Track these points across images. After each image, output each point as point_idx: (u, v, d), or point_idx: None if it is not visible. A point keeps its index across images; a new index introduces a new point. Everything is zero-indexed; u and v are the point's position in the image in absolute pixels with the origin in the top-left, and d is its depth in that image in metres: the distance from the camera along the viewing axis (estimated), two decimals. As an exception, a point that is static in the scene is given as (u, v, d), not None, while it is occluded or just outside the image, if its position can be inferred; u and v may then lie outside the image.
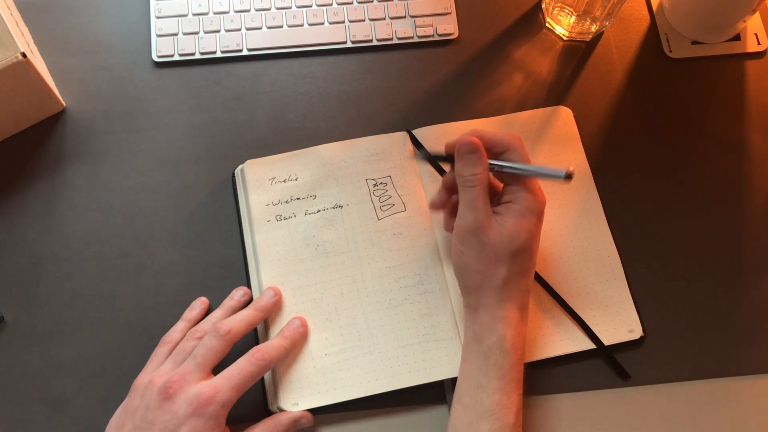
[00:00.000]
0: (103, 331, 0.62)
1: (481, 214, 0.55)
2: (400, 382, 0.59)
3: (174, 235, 0.66)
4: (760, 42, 0.74)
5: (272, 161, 0.66)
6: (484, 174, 0.56)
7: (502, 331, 0.54)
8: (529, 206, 0.55)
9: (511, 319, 0.55)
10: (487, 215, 0.55)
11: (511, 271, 0.55)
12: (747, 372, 0.62)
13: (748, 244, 0.67)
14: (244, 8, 0.73)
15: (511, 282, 0.55)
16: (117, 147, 0.69)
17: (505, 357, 0.54)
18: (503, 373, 0.53)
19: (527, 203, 0.55)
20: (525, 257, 0.55)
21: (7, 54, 0.59)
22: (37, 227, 0.65)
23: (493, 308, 0.55)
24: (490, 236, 0.55)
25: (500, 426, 0.52)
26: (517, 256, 0.55)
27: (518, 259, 0.55)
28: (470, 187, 0.56)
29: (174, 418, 0.51)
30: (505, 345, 0.54)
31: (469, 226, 0.55)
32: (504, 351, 0.54)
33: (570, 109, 0.70)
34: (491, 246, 0.55)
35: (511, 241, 0.54)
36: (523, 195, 0.56)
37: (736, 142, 0.71)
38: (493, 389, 0.53)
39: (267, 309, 0.60)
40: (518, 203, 0.56)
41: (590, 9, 0.70)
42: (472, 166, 0.56)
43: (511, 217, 0.55)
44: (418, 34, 0.74)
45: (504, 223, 0.55)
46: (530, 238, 0.55)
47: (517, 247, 0.54)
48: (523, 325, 0.56)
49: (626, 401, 0.61)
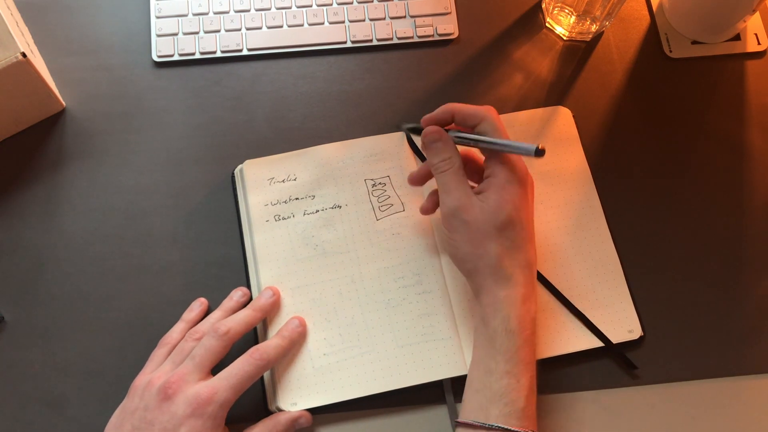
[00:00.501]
0: (103, 331, 0.62)
1: (458, 193, 0.55)
2: (399, 382, 0.59)
3: (174, 235, 0.66)
4: (760, 42, 0.74)
5: (271, 161, 0.66)
6: (454, 158, 0.56)
7: (506, 311, 0.53)
8: (507, 177, 0.55)
9: (514, 298, 0.53)
10: (465, 195, 0.55)
11: (502, 247, 0.54)
12: (747, 372, 0.62)
13: (747, 244, 0.67)
14: (244, 8, 0.73)
15: (506, 258, 0.54)
16: (117, 147, 0.69)
17: (512, 338, 0.53)
18: (510, 355, 0.52)
19: (506, 174, 0.55)
20: (515, 229, 0.54)
21: (7, 54, 0.59)
22: (37, 227, 0.65)
23: (493, 288, 0.54)
24: (473, 214, 0.54)
25: (510, 410, 0.51)
26: (505, 229, 0.54)
27: (507, 233, 0.54)
28: (442, 172, 0.56)
29: (173, 419, 0.51)
30: (509, 326, 0.53)
31: (449, 209, 0.55)
32: (509, 332, 0.53)
33: (569, 110, 0.70)
34: (476, 224, 0.54)
35: (495, 215, 0.54)
36: (500, 167, 0.55)
37: (736, 142, 0.70)
38: (501, 373, 0.52)
39: (265, 309, 0.60)
40: (497, 176, 0.55)
41: (590, 9, 0.70)
42: (440, 153, 0.57)
43: (492, 192, 0.55)
44: (418, 34, 0.74)
45: (486, 199, 0.55)
46: (515, 209, 0.54)
47: (502, 220, 0.54)
48: (530, 302, 0.54)
49: (626, 401, 0.61)
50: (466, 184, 0.56)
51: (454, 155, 0.56)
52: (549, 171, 0.68)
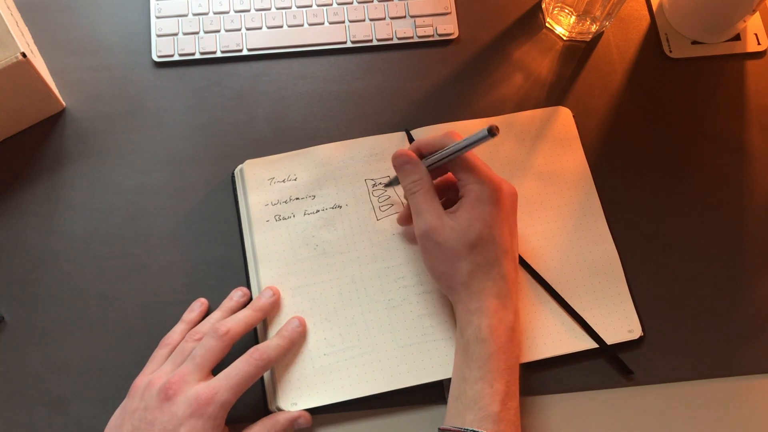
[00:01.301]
0: (103, 331, 0.62)
1: (428, 215, 0.57)
2: (399, 382, 0.59)
3: (174, 235, 0.66)
4: (760, 42, 0.74)
5: (271, 161, 0.66)
6: (424, 179, 0.58)
7: (477, 321, 0.55)
8: (477, 195, 0.56)
9: (486, 309, 0.55)
10: (435, 216, 0.56)
11: (474, 264, 0.55)
12: (747, 372, 0.62)
13: (747, 244, 0.67)
14: (244, 8, 0.73)
15: (478, 274, 0.55)
16: (117, 147, 0.69)
17: (483, 347, 0.54)
18: (482, 362, 0.53)
19: (476, 193, 0.56)
20: (486, 247, 0.55)
21: (7, 54, 0.59)
22: (37, 227, 0.65)
23: (466, 302, 0.56)
24: (443, 235, 0.56)
25: (484, 415, 0.52)
26: (476, 246, 0.55)
27: (478, 250, 0.55)
28: (413, 194, 0.58)
29: (173, 419, 0.51)
30: (481, 335, 0.54)
31: (421, 230, 0.57)
32: (481, 341, 0.54)
33: (569, 110, 0.70)
34: (447, 244, 0.56)
35: (465, 234, 0.55)
36: (471, 186, 0.56)
37: (736, 142, 0.70)
38: (474, 379, 0.53)
39: (265, 309, 0.60)
40: (468, 195, 0.56)
41: (590, 9, 0.70)
42: (409, 175, 0.58)
43: (463, 210, 0.56)
44: (418, 34, 0.74)
45: (457, 218, 0.56)
46: (486, 226, 0.55)
47: (472, 239, 0.55)
48: (503, 312, 0.55)
49: (626, 401, 0.61)
50: (436, 205, 0.57)
51: (423, 176, 0.58)
52: (549, 171, 0.68)
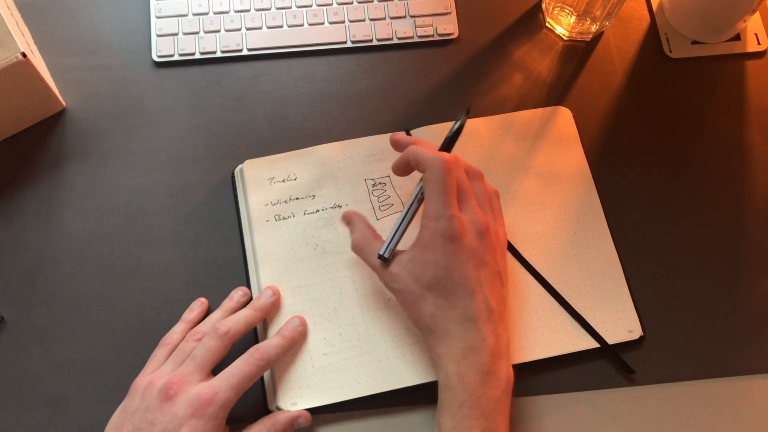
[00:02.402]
0: (103, 331, 0.62)
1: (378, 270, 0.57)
2: (399, 382, 0.59)
3: (174, 235, 0.66)
4: (760, 42, 0.74)
5: (271, 161, 0.66)
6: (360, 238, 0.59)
7: (445, 367, 0.52)
8: (430, 237, 0.53)
9: (453, 354, 0.52)
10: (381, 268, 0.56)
11: (434, 307, 0.53)
12: (747, 372, 0.62)
13: (748, 244, 0.67)
14: (244, 8, 0.73)
15: (440, 317, 0.53)
16: (117, 147, 0.69)
17: (452, 394, 0.51)
18: (454, 411, 0.51)
19: (429, 235, 0.53)
20: (446, 287, 0.52)
21: (7, 54, 0.59)
22: (37, 227, 0.65)
23: (434, 346, 0.53)
24: (401, 282, 0.54)
25: None
26: (432, 290, 0.53)
27: (438, 291, 0.53)
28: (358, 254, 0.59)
29: (174, 419, 0.51)
30: (449, 382, 0.51)
31: (381, 281, 0.57)
32: (449, 388, 0.51)
33: (569, 110, 0.70)
34: (406, 290, 0.54)
35: (419, 276, 0.53)
36: (425, 224, 0.54)
37: (736, 142, 0.70)
38: (448, 429, 0.51)
39: (265, 308, 0.60)
40: (422, 233, 0.54)
41: (590, 9, 0.70)
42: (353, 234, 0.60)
43: (417, 251, 0.54)
44: (418, 34, 0.74)
45: (411, 258, 0.54)
46: (440, 268, 0.52)
47: (427, 281, 0.53)
48: (473, 356, 0.51)
49: (626, 401, 0.61)
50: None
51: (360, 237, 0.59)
52: (549, 171, 0.68)
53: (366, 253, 0.58)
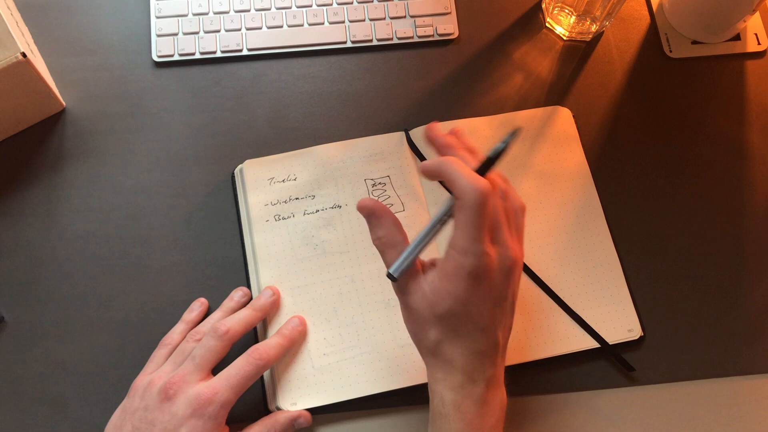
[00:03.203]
0: (103, 331, 0.62)
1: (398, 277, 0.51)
2: (399, 382, 0.59)
3: (174, 235, 0.66)
4: (760, 42, 0.74)
5: (271, 161, 0.67)
6: (388, 236, 0.51)
7: (440, 393, 0.49)
8: (456, 267, 0.48)
9: (451, 383, 0.49)
10: (404, 278, 0.50)
11: (442, 334, 0.49)
12: (747, 372, 0.62)
13: (748, 244, 0.67)
14: (244, 8, 0.73)
15: (445, 344, 0.49)
16: (117, 147, 0.69)
17: (447, 422, 0.49)
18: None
19: (453, 262, 0.48)
20: (459, 320, 0.49)
21: (7, 54, 0.59)
22: (37, 227, 0.65)
23: (432, 370, 0.50)
24: (414, 300, 0.50)
25: None
26: (443, 319, 0.49)
27: (449, 322, 0.49)
28: (382, 252, 0.51)
29: (173, 419, 0.51)
30: (444, 410, 0.49)
31: (396, 287, 0.51)
32: (444, 416, 0.49)
33: (569, 110, 0.70)
34: (415, 309, 0.50)
35: (433, 305, 0.49)
36: (450, 252, 0.48)
37: (736, 142, 0.70)
38: None
39: (265, 308, 0.60)
40: (446, 262, 0.49)
41: (590, 9, 0.70)
42: (374, 230, 0.51)
43: (438, 278, 0.49)
44: (418, 34, 0.74)
45: (431, 282, 0.49)
46: (457, 303, 0.48)
47: (441, 312, 0.49)
48: (471, 386, 0.49)
49: (626, 401, 0.61)
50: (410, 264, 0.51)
51: (387, 234, 0.51)
52: (549, 171, 0.68)
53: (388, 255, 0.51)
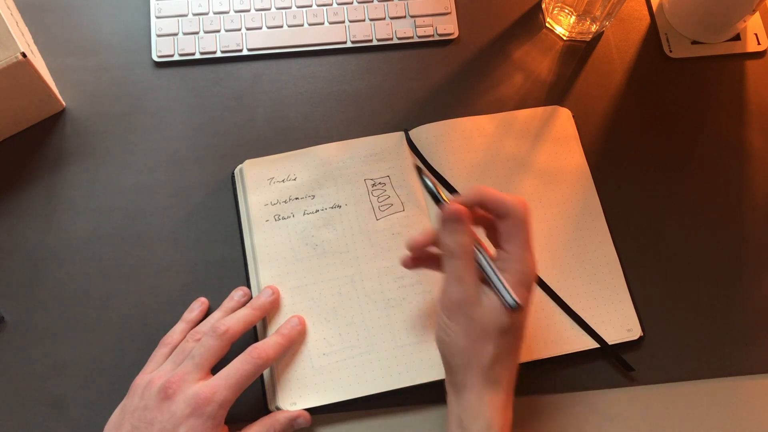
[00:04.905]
0: (103, 331, 0.62)
1: (468, 287, 0.50)
2: (399, 382, 0.59)
3: (174, 235, 0.66)
4: (760, 42, 0.74)
5: (271, 161, 0.67)
6: (470, 244, 0.51)
7: (489, 415, 0.49)
8: (520, 279, 0.50)
9: (498, 403, 0.50)
10: (474, 288, 0.50)
11: (500, 349, 0.50)
12: (747, 372, 0.62)
13: (747, 244, 0.67)
14: (244, 8, 0.73)
15: (500, 361, 0.50)
16: (117, 147, 0.69)
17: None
18: None
19: (519, 276, 0.50)
20: (514, 335, 0.51)
21: (7, 54, 0.59)
22: (37, 227, 0.65)
23: (480, 390, 0.50)
24: (479, 311, 0.50)
25: None
26: (507, 333, 0.50)
27: (508, 337, 0.50)
28: (455, 258, 0.51)
29: (172, 419, 0.51)
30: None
31: (456, 299, 0.50)
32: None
33: (569, 110, 0.70)
34: (479, 322, 0.50)
35: (500, 317, 0.49)
36: (516, 267, 0.50)
37: (736, 142, 0.70)
38: None
39: (265, 308, 0.60)
40: (509, 275, 0.50)
41: (590, 9, 0.70)
42: (455, 235, 0.51)
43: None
44: (418, 34, 0.74)
45: (493, 296, 0.50)
46: (523, 315, 0.51)
47: (506, 324, 0.49)
48: (509, 410, 0.51)
49: (626, 401, 0.61)
50: (476, 278, 0.51)
51: (470, 242, 0.51)
52: (549, 171, 0.68)
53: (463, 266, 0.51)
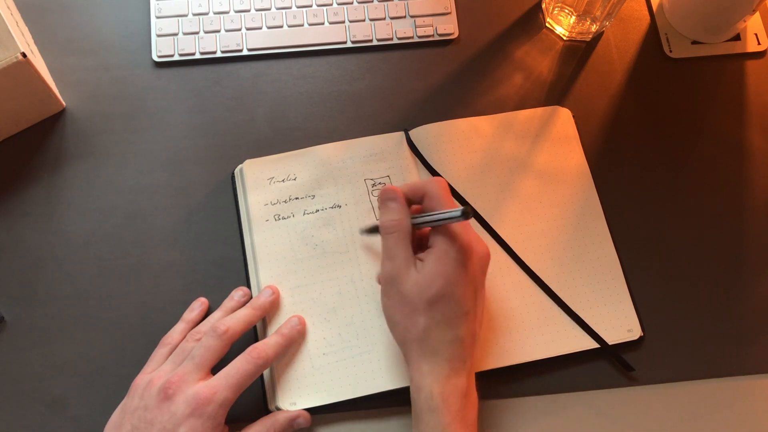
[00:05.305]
0: (103, 331, 0.62)
1: (397, 261, 0.53)
2: (399, 382, 0.59)
3: (174, 235, 0.66)
4: (760, 42, 0.74)
5: (271, 161, 0.67)
6: (403, 222, 0.54)
7: (429, 387, 0.51)
8: (445, 249, 0.52)
9: (438, 373, 0.51)
10: (405, 263, 0.53)
11: (431, 321, 0.52)
12: (747, 372, 0.62)
13: (748, 244, 0.67)
14: (244, 8, 0.73)
15: (433, 332, 0.52)
16: (117, 147, 0.69)
17: (436, 416, 0.50)
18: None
19: (444, 246, 0.52)
20: (448, 304, 0.52)
21: (7, 54, 0.59)
22: (37, 227, 0.65)
23: (417, 362, 0.52)
24: (406, 285, 0.52)
25: None
26: (435, 303, 0.52)
27: (438, 307, 0.52)
28: (388, 234, 0.54)
29: (173, 419, 0.51)
30: (432, 403, 0.51)
31: (388, 275, 0.54)
32: (433, 410, 0.50)
33: (569, 110, 0.70)
34: (407, 296, 0.52)
35: (426, 288, 0.52)
36: (440, 238, 0.53)
37: (736, 142, 0.70)
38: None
39: (264, 307, 0.60)
40: (436, 247, 0.53)
41: (590, 9, 0.70)
42: (390, 213, 0.55)
43: (428, 263, 0.52)
44: (418, 34, 0.74)
45: (421, 270, 0.53)
46: (448, 284, 0.52)
47: (432, 294, 0.51)
48: (456, 377, 0.52)
49: (626, 401, 0.61)
50: (408, 252, 0.54)
51: (404, 218, 0.54)
52: (549, 170, 0.68)
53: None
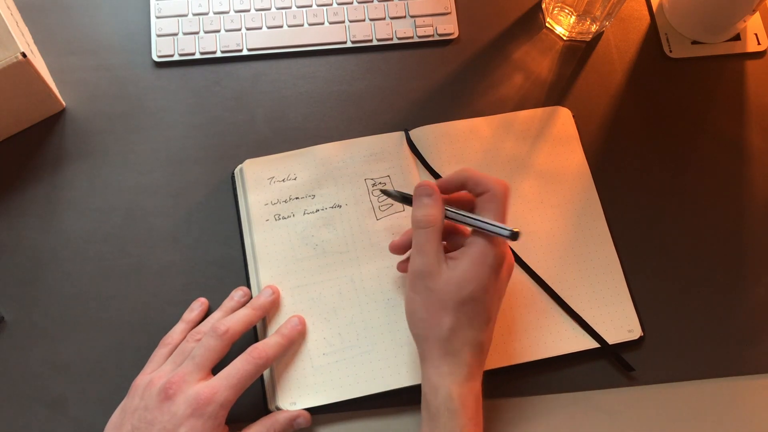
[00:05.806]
0: (103, 331, 0.62)
1: (429, 258, 0.53)
2: (399, 382, 0.59)
3: (174, 235, 0.66)
4: (760, 42, 0.74)
5: (271, 161, 0.67)
6: (437, 217, 0.54)
7: (448, 388, 0.51)
8: (484, 254, 0.52)
9: (458, 375, 0.52)
10: (436, 260, 0.53)
11: (457, 322, 0.52)
12: (747, 372, 0.62)
13: (748, 244, 0.67)
14: (244, 8, 0.73)
15: (458, 333, 0.52)
16: (117, 147, 0.69)
17: (454, 419, 0.51)
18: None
19: (482, 249, 0.52)
20: (475, 308, 0.52)
21: (7, 54, 0.59)
22: (37, 227, 0.65)
23: (438, 362, 0.52)
24: (438, 283, 0.52)
25: None
26: (464, 305, 0.52)
27: (466, 309, 0.52)
28: (421, 228, 0.54)
29: (173, 419, 0.51)
30: (452, 405, 0.51)
31: (417, 270, 0.53)
32: (452, 412, 0.51)
33: (569, 110, 0.70)
34: (437, 293, 0.52)
35: (459, 289, 0.52)
36: (481, 242, 0.52)
37: (736, 142, 0.70)
38: None
39: (265, 307, 0.60)
40: (473, 248, 0.53)
41: (590, 9, 0.70)
42: (424, 208, 0.54)
43: (464, 264, 0.52)
44: (418, 34, 0.74)
45: (455, 268, 0.52)
46: (481, 289, 0.52)
47: (464, 296, 0.51)
48: (473, 381, 0.52)
49: (626, 401, 0.61)
50: (440, 248, 0.54)
51: (438, 215, 0.54)
52: (549, 171, 0.68)
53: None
